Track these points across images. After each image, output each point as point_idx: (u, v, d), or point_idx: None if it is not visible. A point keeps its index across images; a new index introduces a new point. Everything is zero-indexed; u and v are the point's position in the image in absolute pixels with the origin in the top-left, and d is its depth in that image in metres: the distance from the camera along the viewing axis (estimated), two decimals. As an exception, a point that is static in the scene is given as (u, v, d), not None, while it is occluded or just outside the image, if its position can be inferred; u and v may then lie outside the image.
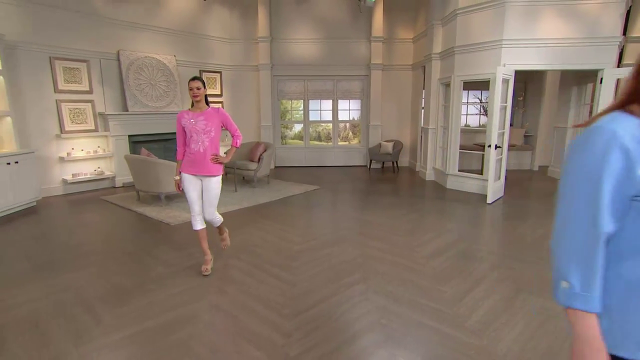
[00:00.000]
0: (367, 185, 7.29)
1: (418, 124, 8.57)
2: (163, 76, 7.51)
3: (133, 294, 2.96)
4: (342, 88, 9.24)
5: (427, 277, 3.23)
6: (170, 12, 7.69)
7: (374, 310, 2.70)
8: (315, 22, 8.86)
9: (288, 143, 9.82)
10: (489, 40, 6.03)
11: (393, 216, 5.10)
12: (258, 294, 2.94)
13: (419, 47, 8.54)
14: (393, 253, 3.77)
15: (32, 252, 3.90)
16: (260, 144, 7.11)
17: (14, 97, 5.63)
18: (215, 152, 3.23)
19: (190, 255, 3.76)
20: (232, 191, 6.50)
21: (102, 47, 6.73)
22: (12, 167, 5.27)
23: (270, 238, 4.24)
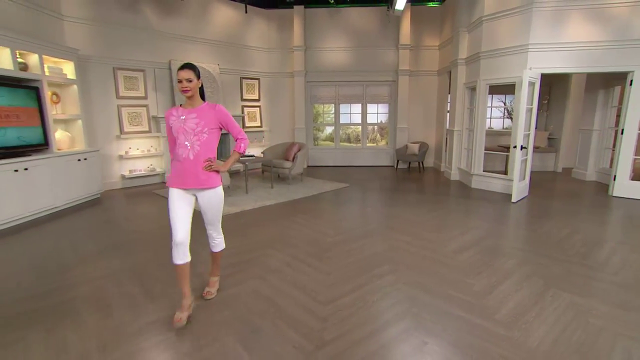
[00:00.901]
0: (394, 183, 7.15)
1: (443, 127, 8.33)
2: (208, 83, 7.66)
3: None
4: (371, 93, 9.11)
5: (455, 271, 3.10)
6: (215, 25, 7.83)
7: (404, 299, 2.61)
8: (346, 32, 8.79)
9: (320, 144, 9.79)
10: (515, 45, 5.75)
11: (420, 213, 4.95)
12: (295, 281, 2.91)
13: (444, 53, 8.31)
14: (421, 247, 3.66)
15: (98, 236, 4.06)
16: (295, 144, 7.12)
17: (84, 102, 5.91)
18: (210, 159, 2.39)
19: (230, 245, 3.78)
20: (268, 187, 6.53)
21: (156, 58, 6.95)
22: (82, 163, 5.53)
23: (305, 230, 4.22)
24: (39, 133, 5.02)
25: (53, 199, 5.00)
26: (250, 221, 4.63)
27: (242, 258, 3.40)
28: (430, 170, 8.62)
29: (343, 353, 2.03)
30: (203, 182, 2.35)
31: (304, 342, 2.13)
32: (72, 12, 5.98)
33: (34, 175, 4.69)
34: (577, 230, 4.16)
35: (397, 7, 6.73)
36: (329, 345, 2.10)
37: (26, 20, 5.20)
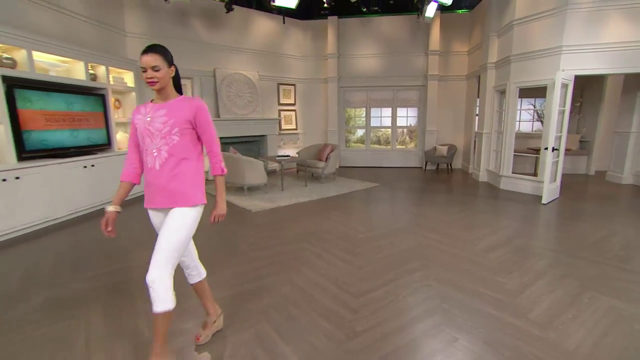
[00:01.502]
0: (423, 184, 6.92)
1: (472, 129, 7.98)
2: (248, 89, 7.79)
3: (221, 266, 3.04)
4: (401, 97, 8.90)
5: (485, 269, 2.92)
6: (255, 36, 7.95)
7: (434, 296, 2.48)
8: (377, 40, 8.65)
9: (351, 146, 9.69)
10: (547, 47, 5.39)
11: (449, 212, 4.75)
12: (328, 274, 2.86)
13: (473, 58, 7.96)
14: (451, 245, 3.49)
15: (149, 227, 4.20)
16: (328, 146, 7.08)
17: (137, 106, 6.18)
18: (188, 174, 1.72)
19: (267, 238, 3.79)
20: (302, 186, 6.53)
21: (202, 67, 7.15)
22: (135, 161, 5.77)
23: (337, 226, 4.16)
24: (104, 134, 5.29)
25: (113, 193, 5.25)
26: (285, 216, 4.63)
27: (278, 250, 3.39)
28: (458, 172, 8.29)
29: (374, 344, 1.95)
30: (175, 200, 1.69)
31: (335, 332, 2.07)
32: (133, 29, 6.28)
33: (98, 171, 4.95)
34: (614, 233, 3.82)
35: (427, 14, 6.52)
36: (360, 336, 2.03)
37: (97, 37, 5.51)
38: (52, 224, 4.26)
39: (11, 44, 3.92)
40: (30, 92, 4.15)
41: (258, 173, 5.78)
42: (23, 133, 4.07)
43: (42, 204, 4.12)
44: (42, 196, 4.11)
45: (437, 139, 8.66)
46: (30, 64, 4.11)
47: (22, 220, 3.89)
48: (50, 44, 4.35)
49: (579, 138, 7.94)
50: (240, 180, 5.79)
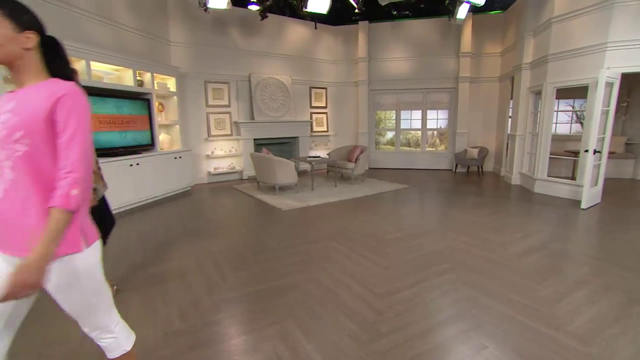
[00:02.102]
0: (453, 186, 6.62)
1: (504, 131, 7.53)
2: (281, 92, 7.85)
3: (251, 262, 3.04)
4: (431, 99, 8.59)
5: (518, 274, 2.70)
6: (288, 42, 8.01)
7: (463, 300, 2.32)
8: (407, 43, 8.41)
9: (381, 148, 9.49)
10: (590, 44, 4.94)
11: (480, 214, 4.48)
12: (353, 273, 2.77)
13: (506, 59, 7.51)
14: (481, 248, 3.27)
15: (186, 222, 4.33)
16: (358, 147, 6.96)
17: (181, 110, 6.42)
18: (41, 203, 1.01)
19: (295, 236, 3.76)
20: (332, 186, 6.46)
21: (238, 72, 7.30)
22: (177, 160, 5.99)
23: (365, 226, 4.05)
24: (148, 135, 5.53)
25: (155, 190, 5.47)
26: (314, 215, 4.59)
27: (305, 248, 3.35)
28: (490, 175, 7.85)
29: (398, 347, 1.85)
30: (17, 246, 1.04)
31: (359, 333, 1.98)
32: (177, 39, 6.54)
33: (142, 169, 5.18)
34: (666, 242, 3.41)
35: (459, 16, 6.22)
36: (384, 337, 1.93)
37: (144, 47, 5.79)
38: (101, 217, 4.50)
39: (74, 56, 4.19)
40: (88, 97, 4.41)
41: (289, 173, 5.78)
42: (78, 134, 4.34)
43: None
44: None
45: (467, 141, 8.26)
46: (88, 72, 4.38)
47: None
48: (105, 54, 4.62)
49: (625, 140, 7.25)
50: (272, 179, 5.83)
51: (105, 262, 2.97)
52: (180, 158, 6.04)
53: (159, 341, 1.94)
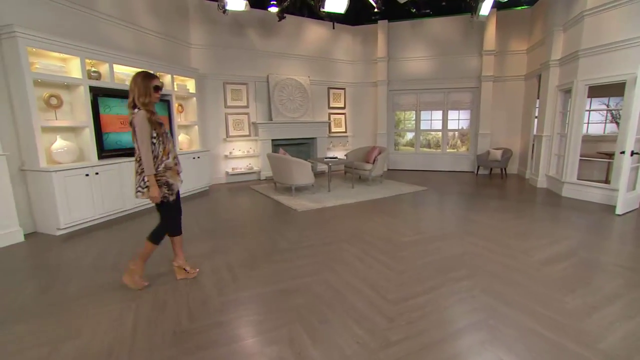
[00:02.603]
0: (474, 188, 6.38)
1: (530, 132, 7.20)
2: (299, 93, 7.85)
3: (262, 262, 3.02)
4: (452, 99, 8.33)
5: (542, 283, 2.53)
6: (306, 42, 8.00)
7: (481, 308, 2.19)
8: (427, 42, 8.20)
9: (400, 149, 9.31)
10: (628, 38, 4.61)
11: (502, 219, 4.27)
12: (365, 277, 2.69)
13: (533, 57, 7.16)
14: (502, 254, 3.10)
15: (202, 221, 4.38)
16: (376, 148, 6.85)
17: (201, 111, 6.54)
18: None
19: (308, 237, 3.71)
20: (349, 187, 6.37)
21: (256, 73, 7.35)
22: (196, 160, 6.09)
23: (381, 229, 3.95)
24: (167, 136, 5.66)
25: (174, 189, 5.57)
26: (329, 217, 4.53)
27: (318, 250, 3.30)
28: (514, 177, 7.52)
29: (408, 357, 1.76)
30: None
31: (368, 339, 1.90)
32: (197, 41, 6.67)
33: (161, 169, 5.29)
34: None
35: (482, 12, 5.98)
36: (394, 346, 1.84)
37: (165, 49, 5.94)
38: (122, 215, 4.63)
39: (98, 59, 4.35)
40: (110, 99, 4.56)
41: (305, 174, 5.75)
42: (103, 135, 4.49)
43: (115, 197, 4.48)
44: (115, 190, 4.48)
45: (490, 142, 7.95)
46: (111, 75, 4.52)
47: (99, 210, 4.27)
48: (126, 57, 4.76)
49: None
50: (289, 180, 5.82)
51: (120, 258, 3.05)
52: (198, 158, 6.14)
53: (167, 339, 1.93)
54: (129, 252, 3.30)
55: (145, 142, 2.31)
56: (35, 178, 3.74)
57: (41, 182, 3.71)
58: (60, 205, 3.74)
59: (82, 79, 4.09)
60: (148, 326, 2.07)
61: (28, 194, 3.84)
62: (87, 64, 4.25)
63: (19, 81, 3.50)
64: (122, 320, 2.13)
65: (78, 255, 3.25)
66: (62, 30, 4.08)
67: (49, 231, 3.84)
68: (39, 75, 3.65)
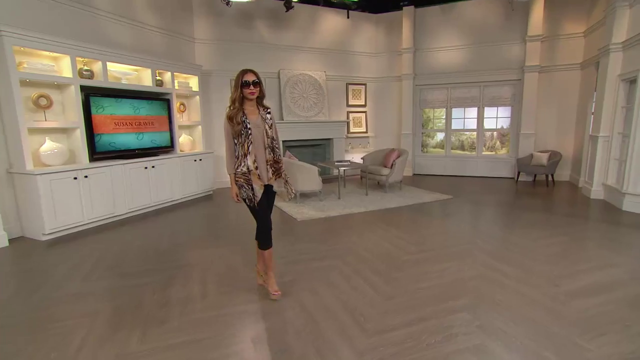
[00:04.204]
0: (510, 198, 5.96)
1: (585, 132, 6.62)
2: (314, 90, 7.80)
3: (238, 278, 2.97)
4: (490, 94, 7.89)
5: (564, 322, 2.24)
6: (321, 34, 7.94)
7: (472, 350, 1.97)
8: (461, 29, 7.84)
9: (429, 151, 8.97)
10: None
11: (535, 237, 3.91)
12: (347, 301, 2.54)
13: (593, 40, 6.55)
14: (522, 281, 2.82)
15: (194, 228, 4.43)
16: (394, 151, 6.62)
17: (205, 110, 6.69)
18: None
19: (299, 251, 3.62)
20: (363, 194, 6.21)
21: (267, 68, 7.39)
22: (197, 163, 6.21)
23: (383, 244, 3.76)
24: (167, 137, 5.81)
25: (171, 193, 5.71)
26: (331, 228, 4.41)
27: (305, 266, 3.19)
28: (564, 185, 6.95)
29: (367, 404, 1.60)
30: None
31: (325, 378, 1.77)
32: (201, 35, 6.84)
33: (158, 172, 5.44)
34: None
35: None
36: (353, 389, 1.69)
37: (167, 45, 6.14)
38: (113, 221, 4.79)
39: (90, 57, 4.55)
40: (103, 99, 4.76)
41: (312, 179, 5.67)
42: (95, 136, 4.68)
43: (106, 202, 4.66)
44: (106, 194, 4.65)
45: (535, 143, 7.42)
46: (104, 73, 4.72)
47: (88, 215, 4.44)
48: (121, 55, 4.94)
49: None
50: (294, 185, 5.74)
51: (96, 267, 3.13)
52: (200, 161, 6.25)
53: None
54: (107, 261, 3.39)
55: (225, 140, 2.54)
56: (21, 181, 3.96)
57: (27, 185, 3.92)
58: (46, 210, 3.93)
59: (72, 78, 4.29)
60: (93, 347, 2.07)
61: (15, 197, 4.07)
62: (79, 62, 4.46)
63: (4, 81, 3.73)
64: (70, 338, 2.15)
65: (55, 263, 3.38)
66: (55, 29, 4.32)
67: (35, 236, 4.05)
68: (27, 75, 3.86)
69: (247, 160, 2.48)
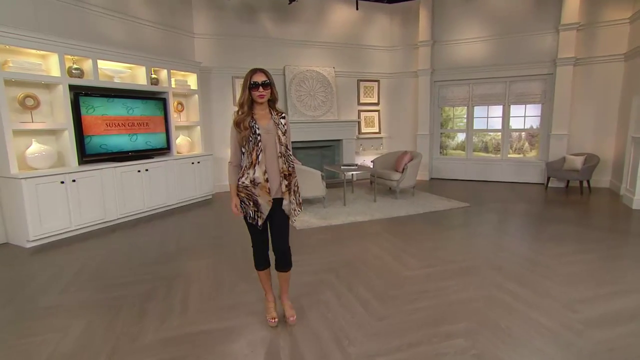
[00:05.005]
0: (536, 206, 5.74)
1: (629, 132, 6.32)
2: (322, 87, 7.77)
3: (221, 293, 2.96)
4: (517, 91, 7.65)
5: (578, 356, 2.11)
6: (330, 27, 7.90)
7: (465, 381, 1.89)
8: (484, 19, 7.65)
9: (449, 154, 8.78)
10: None
11: (558, 252, 3.73)
12: (333, 320, 2.49)
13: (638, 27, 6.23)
14: (534, 304, 2.68)
15: (185, 236, 4.46)
16: (407, 154, 6.50)
17: (205, 110, 6.77)
18: None
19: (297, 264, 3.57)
20: (371, 201, 6.12)
21: (270, 64, 7.39)
22: (195, 166, 6.28)
23: (384, 256, 3.68)
24: (163, 138, 5.91)
25: (167, 198, 5.78)
26: (330, 238, 4.36)
27: (296, 280, 3.12)
28: (602, 193, 6.65)
29: None
30: None
31: (292, 410, 1.72)
32: (201, 30, 6.92)
33: (152, 176, 5.51)
34: None
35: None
36: None
37: (164, 41, 6.24)
38: (103, 227, 4.88)
39: (79, 55, 4.67)
40: (93, 99, 4.87)
41: (314, 184, 5.63)
42: (85, 138, 4.80)
43: (96, 207, 4.75)
44: (96, 199, 4.74)
45: (568, 146, 7.14)
46: (95, 72, 4.83)
47: (76, 221, 4.54)
48: (113, 52, 5.05)
49: None
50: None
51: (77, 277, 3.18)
52: (198, 163, 6.31)
53: None
54: (89, 271, 3.44)
55: (230, 148, 2.37)
56: (5, 185, 4.09)
57: (11, 189, 4.04)
58: (30, 215, 4.04)
59: (60, 77, 4.41)
60: None
61: (0, 202, 4.21)
62: (68, 60, 4.59)
63: (-13, 81, 3.86)
64: (35, 356, 2.18)
65: (35, 272, 3.46)
66: (43, 25, 4.45)
67: (20, 243, 4.17)
68: (12, 75, 3.99)
69: (256, 170, 2.24)
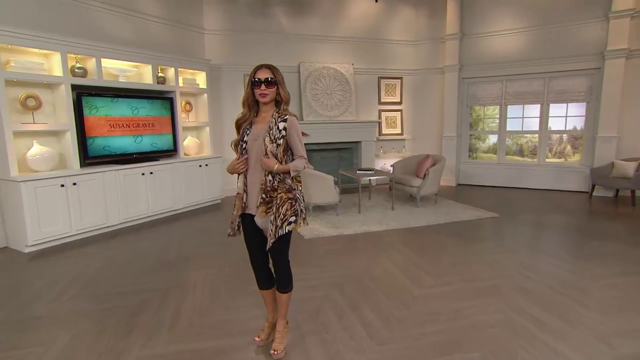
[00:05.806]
0: (575, 219, 5.47)
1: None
2: (339, 85, 7.72)
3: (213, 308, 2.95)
4: (557, 88, 7.35)
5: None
6: (349, 21, 7.84)
7: (469, 421, 1.79)
8: (519, 8, 7.39)
9: (479, 157, 8.54)
10: None
11: (596, 274, 3.51)
12: (331, 343, 2.43)
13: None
14: (560, 334, 2.52)
15: (187, 243, 4.51)
16: (429, 158, 6.35)
17: (215, 110, 6.86)
18: None
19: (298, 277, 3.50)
20: (388, 208, 6.01)
21: (284, 61, 7.38)
22: (203, 169, 6.36)
23: (395, 272, 3.59)
24: (170, 140, 6.01)
25: (172, 202, 5.87)
26: (339, 249, 4.30)
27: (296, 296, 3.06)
28: (655, 204, 6.28)
29: None
30: None
31: None
32: (212, 25, 7.01)
33: (157, 179, 5.61)
34: None
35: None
36: None
37: (173, 38, 6.37)
38: (104, 232, 5.01)
39: (82, 54, 4.82)
40: (97, 99, 5.01)
41: (326, 190, 5.58)
42: (87, 139, 4.94)
43: (97, 211, 4.87)
44: (98, 203, 4.87)
45: (617, 150, 6.77)
46: (98, 71, 4.97)
47: (77, 226, 4.67)
48: (118, 50, 5.19)
49: None
50: (306, 197, 5.70)
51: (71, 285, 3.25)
52: (206, 166, 6.39)
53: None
54: (84, 279, 3.52)
55: None
56: (4, 188, 4.25)
57: (10, 192, 4.19)
58: (29, 219, 4.18)
59: (62, 77, 4.55)
60: None
61: (1, 205, 4.38)
62: (71, 59, 4.73)
63: (-13, 82, 4.03)
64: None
65: (30, 279, 3.57)
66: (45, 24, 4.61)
67: (19, 247, 4.33)
68: (14, 75, 4.15)
69: (239, 180, 2.25)
